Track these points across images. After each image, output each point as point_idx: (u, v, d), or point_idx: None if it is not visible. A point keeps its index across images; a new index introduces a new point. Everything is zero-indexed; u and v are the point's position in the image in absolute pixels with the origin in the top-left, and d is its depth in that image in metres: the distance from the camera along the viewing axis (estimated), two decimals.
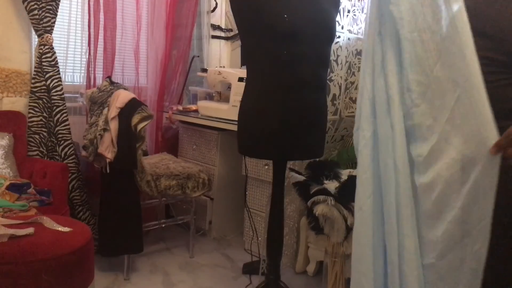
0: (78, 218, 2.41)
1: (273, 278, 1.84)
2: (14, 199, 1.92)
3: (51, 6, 2.32)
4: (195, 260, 2.56)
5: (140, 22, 2.85)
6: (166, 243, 2.77)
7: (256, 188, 2.58)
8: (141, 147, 2.17)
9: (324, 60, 1.69)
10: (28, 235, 1.55)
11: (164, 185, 2.33)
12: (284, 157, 1.76)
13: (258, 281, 2.11)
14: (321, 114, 1.72)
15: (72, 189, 2.41)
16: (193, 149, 2.92)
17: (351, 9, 2.61)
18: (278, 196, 1.80)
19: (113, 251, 2.30)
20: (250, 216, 2.43)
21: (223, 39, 3.49)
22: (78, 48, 2.65)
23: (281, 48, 1.54)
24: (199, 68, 3.17)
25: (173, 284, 2.27)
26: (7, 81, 2.35)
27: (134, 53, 2.87)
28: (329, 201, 1.79)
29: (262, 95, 1.62)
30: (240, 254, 2.65)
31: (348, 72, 2.58)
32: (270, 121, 1.60)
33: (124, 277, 2.26)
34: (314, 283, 2.34)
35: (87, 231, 1.72)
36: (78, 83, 2.70)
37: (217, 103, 2.76)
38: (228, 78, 2.62)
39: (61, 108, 2.42)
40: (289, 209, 2.43)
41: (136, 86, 2.91)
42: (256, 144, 1.66)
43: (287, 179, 2.02)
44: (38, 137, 2.38)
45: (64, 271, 1.53)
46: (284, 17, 1.50)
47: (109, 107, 2.17)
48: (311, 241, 2.36)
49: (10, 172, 2.10)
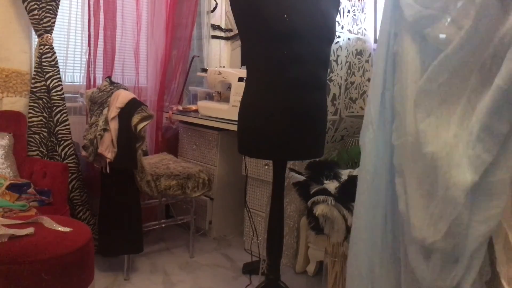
0: (78, 218, 2.41)
1: (273, 278, 1.84)
2: (14, 199, 1.92)
3: (51, 6, 2.32)
4: (195, 260, 2.56)
5: (140, 22, 2.85)
6: (166, 243, 2.77)
7: (256, 188, 2.58)
8: (141, 147, 2.17)
9: (324, 60, 1.69)
10: (28, 235, 1.55)
11: (164, 185, 2.33)
12: (284, 157, 1.76)
13: (258, 281, 2.11)
14: (321, 114, 1.72)
15: (72, 189, 2.41)
16: (193, 149, 2.92)
17: (351, 9, 2.60)
18: (278, 196, 1.80)
19: (113, 251, 2.30)
20: (250, 216, 2.43)
21: (223, 39, 3.49)
22: (78, 48, 2.65)
23: (281, 48, 1.54)
24: (199, 68, 3.17)
25: (173, 284, 2.27)
26: (7, 81, 2.35)
27: (134, 53, 2.87)
28: (329, 201, 1.79)
29: (262, 95, 1.62)
30: (240, 254, 2.65)
31: (348, 72, 2.58)
32: (270, 121, 1.60)
33: (124, 277, 2.26)
34: (314, 283, 2.34)
35: (87, 231, 1.72)
36: (78, 83, 2.70)
37: (217, 103, 2.76)
38: (228, 78, 2.62)
39: (61, 108, 2.42)
40: (289, 209, 2.43)
41: (136, 86, 2.91)
42: (256, 144, 1.66)
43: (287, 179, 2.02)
44: (38, 137, 2.38)
45: (64, 271, 1.53)
46: (284, 17, 1.50)
47: (109, 107, 2.17)
48: (311, 241, 2.36)
49: (10, 172, 2.10)
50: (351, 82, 2.62)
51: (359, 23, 2.67)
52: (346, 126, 2.64)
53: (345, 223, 1.80)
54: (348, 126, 2.65)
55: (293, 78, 1.57)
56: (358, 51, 2.65)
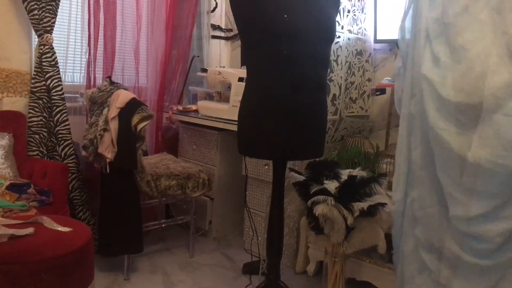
0: (78, 218, 2.41)
1: (273, 278, 1.84)
2: (14, 199, 1.92)
3: (51, 6, 2.32)
4: (195, 260, 2.56)
5: (140, 22, 2.85)
6: (166, 243, 2.77)
7: (256, 188, 2.59)
8: (141, 147, 2.17)
9: (324, 60, 1.69)
10: (28, 235, 1.55)
11: (164, 185, 2.33)
12: (284, 157, 1.76)
13: (258, 281, 2.11)
14: (321, 114, 1.72)
15: (72, 189, 2.41)
16: (193, 149, 2.92)
17: (351, 9, 2.60)
18: (278, 196, 1.80)
19: (113, 251, 2.30)
20: (250, 216, 2.43)
21: (223, 39, 3.49)
22: (78, 48, 2.65)
23: (281, 48, 1.54)
24: (199, 68, 3.18)
25: (173, 284, 2.27)
26: (7, 81, 2.35)
27: (134, 53, 2.87)
28: (329, 201, 1.78)
29: (262, 95, 1.62)
30: (240, 254, 2.65)
31: (348, 72, 2.58)
32: (270, 121, 1.60)
33: (124, 277, 2.26)
34: (314, 283, 2.34)
35: (87, 231, 1.72)
36: (78, 83, 2.70)
37: (217, 103, 2.76)
38: (228, 78, 2.62)
39: (61, 108, 2.42)
40: (289, 209, 2.43)
41: (136, 86, 2.91)
42: (256, 144, 1.66)
43: (287, 179, 2.02)
44: (38, 137, 2.38)
45: (64, 271, 1.53)
46: (284, 17, 1.50)
47: (109, 107, 2.17)
48: (311, 241, 2.36)
49: (10, 172, 2.10)
50: (351, 82, 2.62)
51: (359, 23, 2.67)
52: (346, 126, 2.64)
53: (345, 223, 1.80)
54: (348, 126, 2.65)
55: (293, 78, 1.57)
56: (358, 51, 2.65)
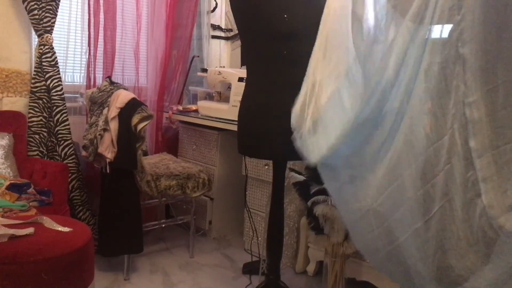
0: (78, 218, 2.41)
1: (273, 278, 1.84)
2: (14, 199, 1.92)
3: (51, 6, 2.32)
4: (195, 260, 2.56)
5: (140, 22, 2.85)
6: (166, 243, 2.77)
7: (256, 188, 2.59)
8: (141, 147, 2.17)
9: None
10: (28, 235, 1.55)
11: (164, 185, 2.33)
12: (284, 157, 1.76)
13: (258, 281, 2.12)
14: None
15: (72, 189, 2.41)
16: (193, 149, 2.92)
17: None
18: (278, 196, 1.80)
19: (113, 251, 2.30)
20: (250, 216, 2.43)
21: (223, 39, 3.49)
22: (78, 48, 2.66)
23: (281, 48, 1.54)
24: (199, 68, 3.18)
25: (173, 284, 2.27)
26: (7, 81, 2.35)
27: (134, 53, 2.87)
28: (329, 201, 1.79)
29: (262, 95, 1.62)
30: (240, 254, 2.65)
31: None
32: (270, 121, 1.60)
33: (124, 277, 2.26)
34: (314, 283, 2.34)
35: (87, 231, 1.72)
36: (78, 83, 2.70)
37: (217, 103, 2.76)
38: (228, 78, 2.62)
39: (61, 108, 2.42)
40: (289, 209, 2.43)
41: (136, 86, 2.91)
42: (256, 144, 1.66)
43: (287, 179, 2.02)
44: (38, 137, 2.38)
45: (64, 271, 1.53)
46: (284, 17, 1.50)
47: (109, 107, 2.17)
48: (311, 241, 2.36)
49: (10, 172, 2.10)
50: None
51: None
52: None
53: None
54: None
55: (293, 78, 1.57)
56: None
